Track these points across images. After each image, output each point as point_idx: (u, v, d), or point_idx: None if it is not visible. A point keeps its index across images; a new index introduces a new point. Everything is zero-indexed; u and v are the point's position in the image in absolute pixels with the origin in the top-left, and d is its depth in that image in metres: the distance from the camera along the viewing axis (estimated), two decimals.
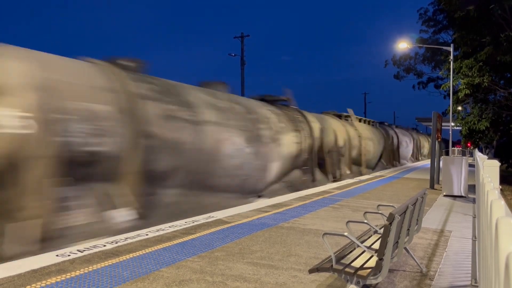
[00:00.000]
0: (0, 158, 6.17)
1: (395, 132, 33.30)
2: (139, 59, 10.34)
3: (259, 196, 12.69)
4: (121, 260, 5.23)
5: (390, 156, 30.53)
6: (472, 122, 18.78)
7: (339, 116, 23.36)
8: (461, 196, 12.70)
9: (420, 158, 42.81)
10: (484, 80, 17.27)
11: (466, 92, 17.79)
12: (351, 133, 22.27)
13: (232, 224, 7.61)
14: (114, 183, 7.92)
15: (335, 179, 18.88)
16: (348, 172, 20.83)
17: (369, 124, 28.20)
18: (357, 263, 3.95)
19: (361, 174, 21.83)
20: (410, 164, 33.32)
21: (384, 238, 3.72)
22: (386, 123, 34.66)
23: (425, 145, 47.71)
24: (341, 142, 20.45)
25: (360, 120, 26.54)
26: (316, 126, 17.97)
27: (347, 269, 3.77)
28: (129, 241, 6.14)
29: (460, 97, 18.46)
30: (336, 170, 19.58)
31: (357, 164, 22.92)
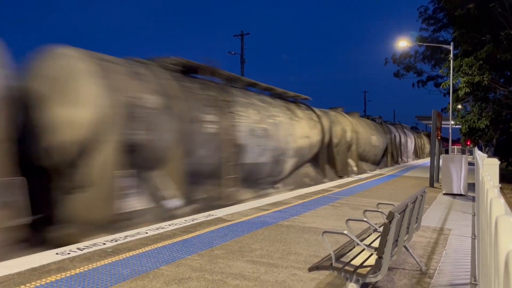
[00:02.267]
0: None
1: (351, 123, 21.17)
2: None
3: None
4: (121, 258, 5.23)
5: (337, 161, 18.81)
6: (472, 121, 18.79)
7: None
8: (460, 195, 12.71)
9: (401, 161, 32.60)
10: (484, 79, 17.27)
11: (466, 90, 17.79)
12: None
13: (232, 222, 7.61)
14: None
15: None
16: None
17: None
18: (356, 261, 3.96)
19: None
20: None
21: (383, 236, 3.73)
22: (339, 109, 21.88)
23: (409, 144, 37.04)
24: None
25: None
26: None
27: (346, 267, 3.77)
28: (129, 239, 6.14)
29: (460, 95, 18.46)
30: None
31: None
